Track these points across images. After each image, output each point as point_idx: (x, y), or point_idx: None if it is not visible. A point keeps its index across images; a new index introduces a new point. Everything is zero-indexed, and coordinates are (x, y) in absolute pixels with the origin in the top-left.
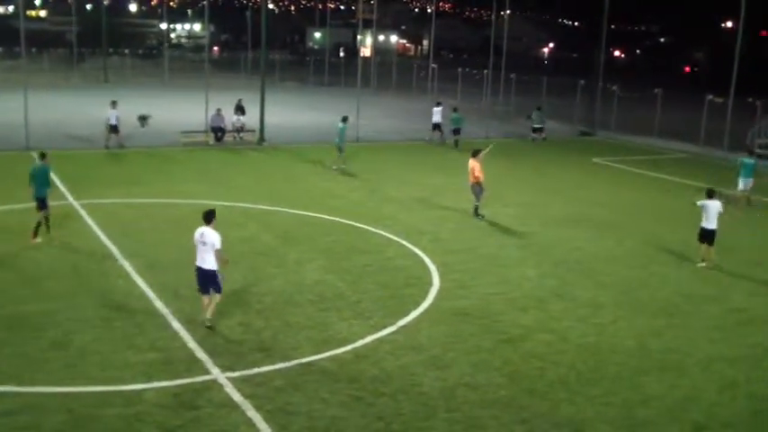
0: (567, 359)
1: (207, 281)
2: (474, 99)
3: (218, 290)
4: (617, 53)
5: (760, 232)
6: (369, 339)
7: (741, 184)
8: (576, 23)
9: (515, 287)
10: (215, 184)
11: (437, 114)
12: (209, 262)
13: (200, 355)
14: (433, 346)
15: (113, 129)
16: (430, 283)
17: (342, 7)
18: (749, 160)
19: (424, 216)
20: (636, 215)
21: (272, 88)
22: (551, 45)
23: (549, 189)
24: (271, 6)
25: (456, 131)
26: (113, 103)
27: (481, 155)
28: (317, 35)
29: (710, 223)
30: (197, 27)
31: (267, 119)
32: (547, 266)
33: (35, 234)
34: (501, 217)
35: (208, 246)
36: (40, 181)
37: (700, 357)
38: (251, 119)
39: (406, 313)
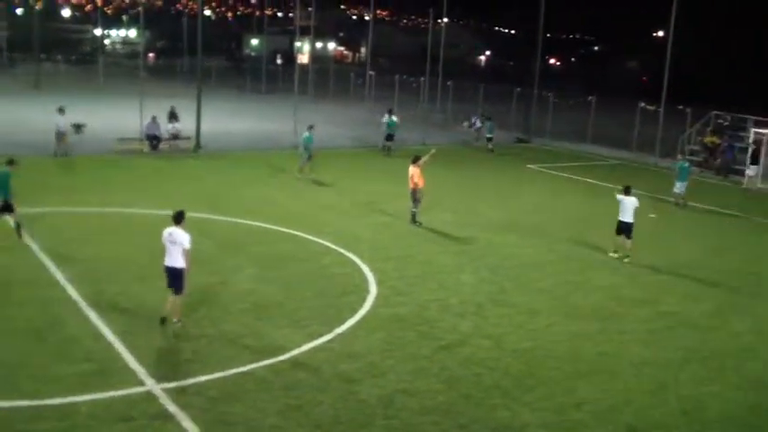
0: (504, 365)
1: (174, 279)
2: (411, 106)
3: (180, 291)
4: (552, 61)
5: (692, 234)
6: (306, 347)
7: (677, 187)
8: (512, 32)
9: (453, 293)
10: (150, 192)
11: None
12: (177, 260)
13: (135, 366)
14: (370, 354)
15: (61, 136)
16: (367, 291)
17: (279, 14)
18: (684, 164)
19: (363, 223)
20: (570, 221)
21: (209, 95)
22: (488, 53)
23: (485, 195)
24: (207, 13)
25: (389, 137)
26: (61, 110)
27: (421, 161)
28: (254, 42)
29: (626, 216)
30: (132, 33)
31: (204, 126)
32: (484, 272)
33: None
34: (438, 223)
35: (177, 245)
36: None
37: (631, 360)
38: (187, 126)
39: (344, 321)
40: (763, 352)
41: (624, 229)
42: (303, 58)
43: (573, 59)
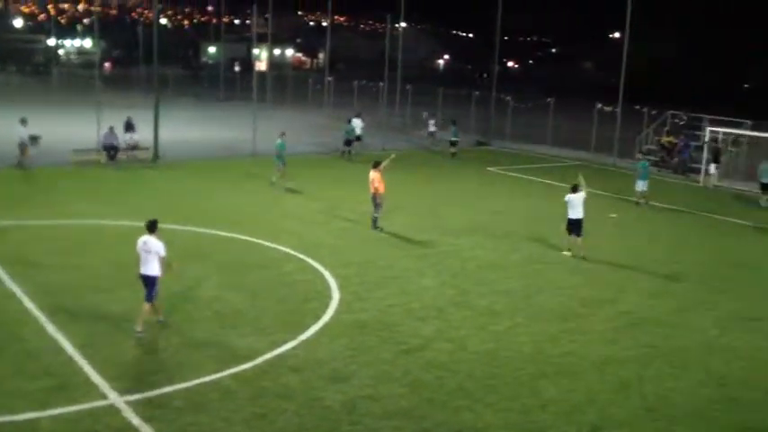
0: (467, 367)
1: (149, 287)
2: (370, 111)
3: (150, 298)
4: (511, 64)
5: (652, 233)
6: (269, 355)
7: (639, 186)
8: (470, 35)
9: (414, 297)
10: (109, 203)
11: (357, 127)
12: (152, 269)
13: (97, 379)
14: (334, 360)
15: (23, 147)
16: (329, 297)
17: (236, 21)
18: (645, 163)
19: (324, 229)
20: (531, 222)
21: (167, 104)
22: (447, 56)
23: (445, 199)
24: (163, 21)
25: (347, 143)
26: (23, 121)
27: (382, 166)
28: (212, 50)
29: (576, 213)
30: (87, 43)
31: (162, 135)
32: (445, 276)
33: None
34: (399, 228)
35: (152, 254)
36: None
37: (594, 360)
38: (145, 136)
39: (307, 328)
40: (725, 347)
41: (575, 226)
42: (261, 65)
43: (531, 62)
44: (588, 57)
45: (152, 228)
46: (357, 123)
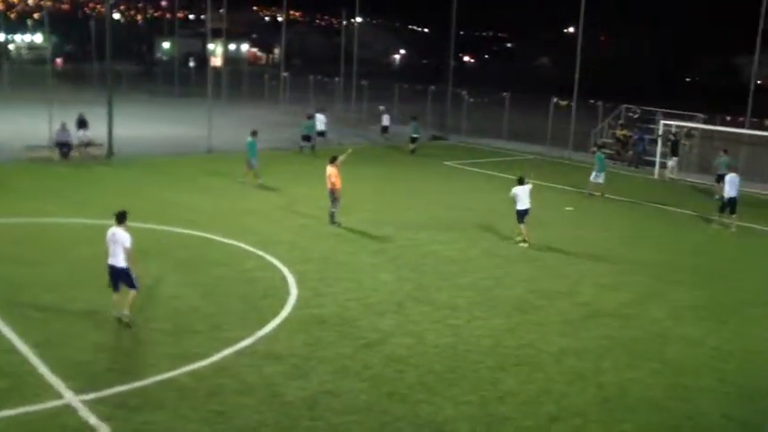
0: (426, 361)
1: (119, 278)
2: (326, 107)
3: (132, 286)
4: (466, 58)
5: (608, 225)
6: (228, 352)
7: (593, 177)
8: (425, 30)
9: (372, 292)
10: (62, 200)
11: (320, 123)
12: (120, 260)
13: (52, 378)
14: (293, 356)
15: None
16: (288, 293)
17: (191, 16)
18: (600, 156)
19: (282, 226)
20: (488, 216)
21: (120, 100)
22: (402, 51)
23: (402, 194)
24: (116, 16)
25: (306, 138)
26: None
27: (339, 161)
28: (166, 45)
29: (524, 204)
30: (38, 38)
31: (116, 132)
32: (403, 270)
33: None
34: (357, 223)
35: (119, 244)
36: None
37: (552, 351)
38: (99, 132)
39: (265, 324)
40: (679, 336)
41: (523, 215)
42: (216, 61)
43: (486, 57)
44: (543, 52)
45: (120, 219)
46: (320, 119)
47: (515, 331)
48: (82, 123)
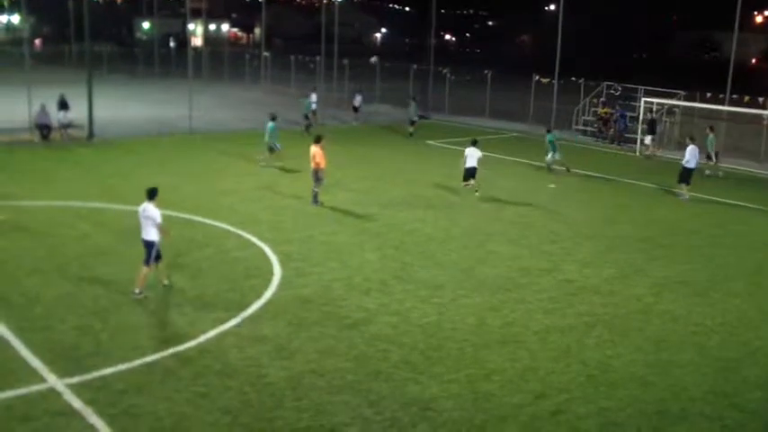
0: (411, 340)
1: (146, 250)
2: (308, 86)
3: (147, 262)
4: (448, 37)
5: (589, 202)
6: (212, 334)
7: (549, 157)
8: (406, 8)
9: (356, 271)
10: (42, 183)
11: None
12: (149, 234)
13: (35, 362)
14: (277, 336)
15: None
16: (271, 273)
17: None
18: (551, 137)
19: (263, 205)
20: (470, 195)
21: (100, 82)
22: (383, 30)
23: (385, 173)
24: None
25: (307, 117)
26: None
27: (323, 142)
28: (146, 25)
29: (471, 163)
30: (15, 19)
31: (96, 113)
32: (387, 249)
33: None
34: (340, 202)
35: (149, 220)
36: None
37: (536, 329)
38: (79, 114)
39: (249, 305)
40: (661, 312)
41: (471, 173)
42: (196, 41)
43: (468, 35)
44: (525, 30)
45: (151, 195)
46: (313, 98)
47: (499, 309)
48: (63, 104)
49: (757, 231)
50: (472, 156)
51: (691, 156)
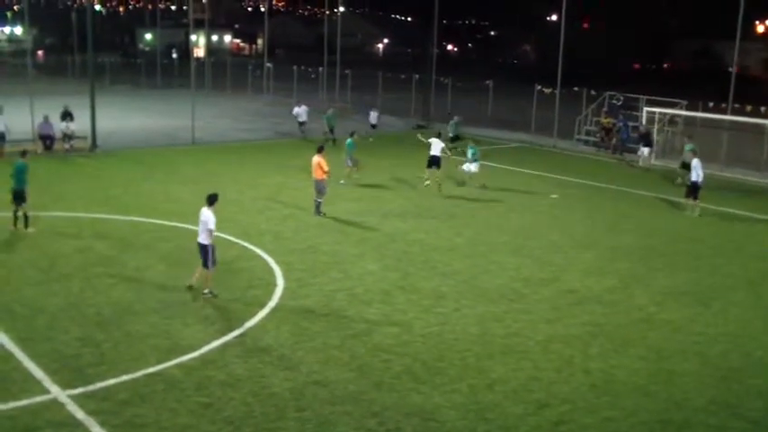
0: (413, 350)
1: (201, 254)
2: (310, 96)
3: (206, 265)
4: (450, 47)
5: (591, 212)
6: (215, 344)
7: (466, 167)
8: (408, 19)
9: (359, 282)
10: (44, 194)
11: (303, 114)
12: (204, 238)
13: (38, 373)
14: (280, 347)
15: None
16: (274, 284)
17: (173, 7)
18: (472, 149)
19: (265, 216)
20: (471, 205)
21: (103, 92)
22: (386, 41)
23: (386, 183)
24: (97, 7)
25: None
26: None
27: (324, 152)
28: (148, 36)
29: (435, 151)
30: (18, 30)
31: (99, 124)
32: (389, 260)
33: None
34: (342, 213)
35: (204, 224)
36: (20, 177)
37: (539, 339)
38: (82, 125)
39: (252, 315)
40: (663, 321)
41: (434, 161)
42: (199, 52)
43: (469, 45)
44: (526, 40)
45: (211, 201)
46: (299, 110)
47: (502, 319)
48: (66, 115)
49: (759, 241)
50: (436, 145)
51: (696, 171)
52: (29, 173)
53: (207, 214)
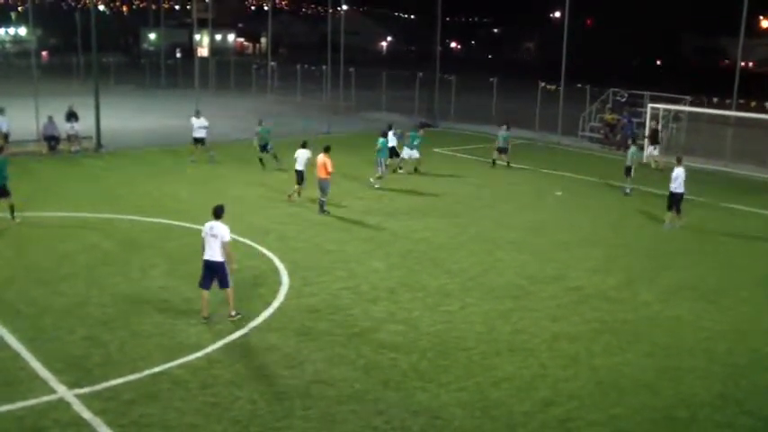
0: (419, 348)
1: (214, 273)
2: (315, 95)
3: (226, 284)
4: (453, 45)
5: (595, 209)
6: (221, 343)
7: (405, 153)
8: (412, 17)
9: (364, 280)
10: (50, 194)
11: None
12: (217, 254)
13: (44, 373)
14: (285, 345)
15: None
16: (279, 282)
17: (176, 7)
18: (414, 133)
19: (270, 215)
20: (477, 202)
21: (107, 92)
22: (389, 39)
23: (391, 181)
24: (101, 8)
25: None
26: (1, 110)
27: (330, 151)
28: (152, 36)
29: (299, 166)
30: (22, 31)
31: (104, 124)
32: (394, 258)
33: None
34: (346, 211)
35: (218, 238)
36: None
37: (545, 336)
38: (86, 125)
39: (257, 314)
40: (669, 318)
41: (299, 176)
42: (203, 51)
43: (473, 42)
44: (530, 37)
45: (218, 213)
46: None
47: (508, 317)
48: (71, 116)
49: (766, 237)
50: (300, 158)
51: (677, 181)
52: (8, 168)
53: (219, 227)
